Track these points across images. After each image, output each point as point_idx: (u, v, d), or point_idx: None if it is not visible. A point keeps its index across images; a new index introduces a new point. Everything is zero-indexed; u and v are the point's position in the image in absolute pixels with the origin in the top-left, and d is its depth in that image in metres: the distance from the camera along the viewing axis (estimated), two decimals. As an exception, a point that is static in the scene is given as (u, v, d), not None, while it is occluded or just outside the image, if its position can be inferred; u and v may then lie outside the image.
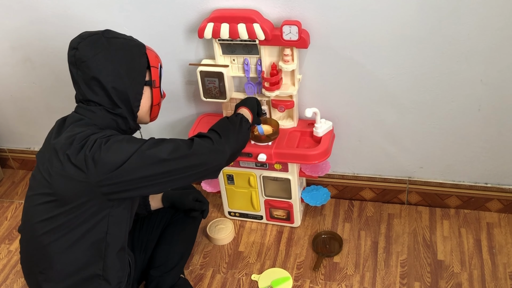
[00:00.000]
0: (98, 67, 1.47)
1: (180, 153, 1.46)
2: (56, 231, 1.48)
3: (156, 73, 1.59)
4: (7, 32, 2.22)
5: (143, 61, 1.55)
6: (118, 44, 1.52)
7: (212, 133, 1.57)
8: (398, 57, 1.88)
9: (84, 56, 1.47)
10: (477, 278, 1.96)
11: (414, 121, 2.03)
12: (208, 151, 1.50)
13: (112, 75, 1.48)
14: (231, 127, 1.62)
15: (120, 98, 1.51)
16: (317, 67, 1.98)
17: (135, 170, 1.42)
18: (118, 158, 1.41)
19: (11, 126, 2.61)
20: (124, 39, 1.55)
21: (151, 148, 1.44)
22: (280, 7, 1.86)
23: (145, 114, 1.61)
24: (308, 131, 2.06)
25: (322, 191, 2.24)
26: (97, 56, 1.47)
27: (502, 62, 1.81)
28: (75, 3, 2.05)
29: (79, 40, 1.50)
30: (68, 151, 1.42)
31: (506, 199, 2.17)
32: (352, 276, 2.02)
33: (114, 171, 1.40)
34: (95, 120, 1.50)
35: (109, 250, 1.54)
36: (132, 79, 1.52)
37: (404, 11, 1.77)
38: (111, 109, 1.51)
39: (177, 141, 1.50)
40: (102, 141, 1.42)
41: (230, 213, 2.31)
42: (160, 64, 1.62)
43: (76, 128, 1.48)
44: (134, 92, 1.53)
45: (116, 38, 1.53)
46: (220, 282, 2.06)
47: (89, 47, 1.48)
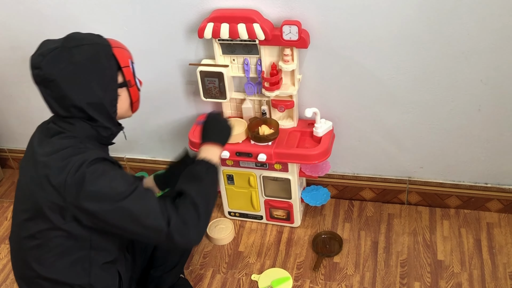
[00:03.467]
0: (67, 85, 1.39)
1: (156, 225, 1.39)
2: (40, 247, 1.47)
3: (129, 72, 1.51)
4: (7, 32, 2.22)
5: (112, 65, 1.47)
6: (82, 53, 1.41)
7: (191, 213, 1.43)
8: (398, 57, 1.88)
9: (50, 75, 1.38)
10: (477, 278, 1.96)
11: (414, 121, 2.03)
12: (186, 242, 1.44)
13: (83, 90, 1.41)
14: (210, 194, 1.50)
15: (97, 110, 1.45)
16: (317, 67, 1.98)
17: (108, 217, 1.39)
18: (99, 200, 1.37)
19: (11, 126, 2.61)
20: (88, 45, 1.44)
21: (135, 204, 1.39)
22: (280, 7, 1.86)
23: (126, 112, 1.56)
24: (308, 131, 2.06)
25: (322, 191, 2.24)
26: (63, 73, 1.39)
27: (502, 62, 1.81)
28: (75, 3, 2.05)
29: (40, 58, 1.40)
30: (47, 172, 1.39)
31: (506, 199, 2.17)
32: (352, 276, 2.02)
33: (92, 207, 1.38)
34: (75, 132, 1.45)
35: (95, 265, 1.52)
36: (105, 88, 1.45)
37: (404, 11, 1.77)
38: (89, 120, 1.46)
39: (160, 208, 1.40)
40: (85, 172, 1.36)
41: (230, 213, 2.31)
42: (131, 60, 1.54)
43: (57, 141, 1.43)
44: (110, 99, 1.47)
45: (79, 46, 1.42)
46: (220, 282, 2.06)
47: (53, 65, 1.39)
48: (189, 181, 1.49)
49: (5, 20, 2.19)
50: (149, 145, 2.45)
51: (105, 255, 1.54)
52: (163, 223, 1.39)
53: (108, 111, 1.47)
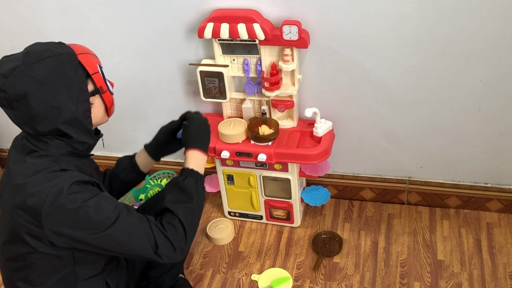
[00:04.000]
0: (35, 105, 1.32)
1: (144, 254, 1.40)
2: (24, 269, 1.45)
3: (99, 78, 1.43)
4: (7, 32, 2.22)
5: (80, 74, 1.38)
6: (45, 68, 1.32)
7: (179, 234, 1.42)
8: (398, 57, 1.88)
9: (15, 96, 1.31)
10: (477, 278, 1.96)
11: (414, 121, 2.03)
12: (171, 260, 1.44)
13: (54, 109, 1.34)
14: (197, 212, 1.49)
15: (70, 125, 1.38)
16: (317, 67, 1.98)
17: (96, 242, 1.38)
18: (81, 228, 1.35)
19: (11, 126, 2.59)
20: (50, 58, 1.34)
21: (120, 232, 1.37)
22: (280, 7, 1.86)
23: (101, 119, 1.49)
24: (308, 131, 2.06)
25: (322, 191, 2.24)
26: (29, 92, 1.30)
27: (502, 62, 1.81)
28: (75, 3, 2.05)
29: (2, 80, 1.30)
30: (22, 198, 1.34)
31: (506, 199, 2.17)
32: (352, 276, 2.02)
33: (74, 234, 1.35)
34: (49, 151, 1.39)
35: (80, 280, 1.50)
36: (76, 101, 1.37)
37: (404, 11, 1.77)
38: (63, 137, 1.40)
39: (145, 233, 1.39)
40: (63, 202, 1.32)
41: (230, 213, 2.31)
42: (99, 65, 1.45)
43: (31, 161, 1.38)
44: (83, 111, 1.39)
45: (41, 61, 1.33)
46: (220, 282, 2.06)
47: (17, 85, 1.30)
48: (178, 199, 1.47)
49: (5, 20, 2.19)
50: (149, 145, 2.45)
51: (91, 268, 1.52)
52: (149, 248, 1.39)
53: (83, 123, 1.40)
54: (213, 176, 2.33)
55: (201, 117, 1.64)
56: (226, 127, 2.04)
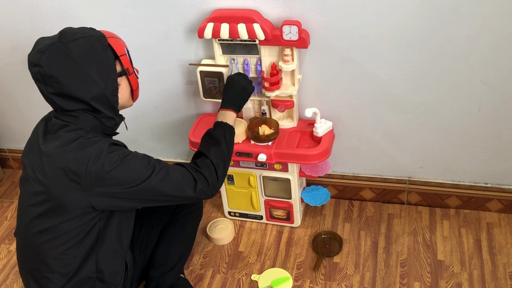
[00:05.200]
0: (68, 81, 1.42)
1: (184, 193, 1.54)
2: (51, 241, 1.51)
3: (126, 60, 1.55)
4: (7, 32, 2.22)
5: (109, 55, 1.49)
6: (79, 47, 1.43)
7: (212, 173, 1.61)
8: (398, 57, 1.88)
9: (50, 71, 1.41)
10: (477, 278, 1.96)
11: (414, 121, 2.03)
12: (207, 195, 1.59)
13: (84, 84, 1.44)
14: (226, 154, 1.68)
15: (99, 102, 1.48)
16: (317, 67, 1.98)
17: (138, 194, 1.49)
18: (123, 183, 1.46)
19: (11, 126, 2.61)
20: (83, 38, 1.45)
21: (160, 181, 1.50)
22: (280, 7, 1.86)
23: (127, 101, 1.60)
24: (308, 131, 2.06)
25: (322, 191, 2.24)
26: (63, 68, 1.41)
27: (502, 62, 1.81)
28: (75, 3, 2.05)
29: (39, 55, 1.41)
30: (64, 163, 1.42)
31: (506, 199, 2.17)
32: (352, 276, 2.02)
33: (115, 187, 1.46)
34: (80, 124, 1.48)
35: (101, 255, 1.57)
36: (105, 79, 1.47)
37: (404, 11, 1.77)
38: (92, 112, 1.49)
39: (183, 179, 1.54)
40: (105, 160, 1.43)
41: (230, 213, 2.31)
42: (126, 48, 1.57)
43: (65, 135, 1.46)
44: (111, 89, 1.50)
45: (75, 40, 1.44)
46: (220, 282, 2.06)
47: (52, 61, 1.41)
48: (209, 144, 1.67)
49: (5, 20, 2.19)
50: (149, 145, 2.45)
51: (114, 244, 1.60)
52: (189, 191, 1.54)
53: (110, 101, 1.51)
54: (213, 176, 2.33)
55: (238, 76, 1.85)
56: (226, 127, 2.04)
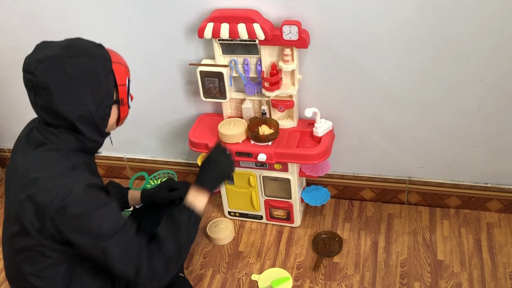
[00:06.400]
0: (59, 96, 1.34)
1: (124, 271, 1.42)
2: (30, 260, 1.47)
3: (124, 91, 1.46)
4: (7, 32, 2.22)
5: (109, 81, 1.41)
6: (80, 66, 1.35)
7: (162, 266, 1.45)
8: (398, 57, 1.88)
9: (43, 83, 1.32)
10: (477, 278, 1.96)
11: (414, 121, 2.03)
12: (144, 285, 1.46)
13: (75, 104, 1.36)
14: (184, 244, 1.51)
15: (86, 124, 1.40)
16: (317, 67, 1.98)
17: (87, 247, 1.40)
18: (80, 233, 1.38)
19: (11, 126, 2.61)
20: (87, 57, 1.37)
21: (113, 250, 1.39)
22: (280, 7, 1.86)
23: (111, 127, 1.50)
24: (308, 131, 2.06)
25: (322, 191, 2.24)
26: (57, 83, 1.33)
27: (502, 62, 1.81)
28: (75, 3, 2.05)
29: (36, 64, 1.33)
30: (31, 192, 1.36)
31: (506, 199, 2.17)
32: (352, 276, 2.02)
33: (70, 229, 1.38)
34: (59, 144, 1.41)
35: (84, 272, 1.52)
36: (98, 104, 1.40)
37: (404, 11, 1.77)
38: (75, 132, 1.41)
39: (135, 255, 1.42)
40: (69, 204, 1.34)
41: (230, 213, 2.31)
42: (128, 78, 1.49)
43: (42, 154, 1.40)
44: (102, 115, 1.42)
45: (78, 57, 1.36)
46: (220, 282, 2.06)
47: (47, 73, 1.32)
48: (169, 229, 1.50)
49: (4, 20, 2.19)
50: (149, 145, 2.46)
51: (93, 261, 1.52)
52: (132, 271, 1.42)
53: (98, 126, 1.43)
54: (213, 176, 2.33)
55: (220, 153, 1.64)
56: (226, 127, 2.04)
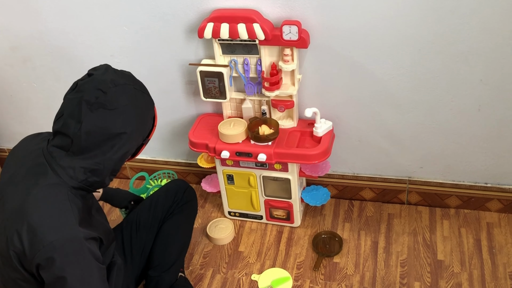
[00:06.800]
0: (116, 120, 1.34)
1: None
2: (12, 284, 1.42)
3: (153, 132, 1.51)
4: (7, 32, 2.22)
5: (150, 123, 1.47)
6: (144, 101, 1.41)
7: None
8: (398, 57, 1.88)
9: (111, 104, 1.32)
10: (477, 278, 1.96)
11: (414, 121, 2.03)
12: None
13: (123, 133, 1.36)
14: None
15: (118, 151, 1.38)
16: (317, 67, 1.98)
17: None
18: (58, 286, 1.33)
19: (11, 126, 2.61)
20: (147, 96, 1.44)
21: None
22: (280, 7, 1.86)
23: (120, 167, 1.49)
24: (308, 131, 2.06)
25: (322, 191, 2.24)
26: (122, 109, 1.34)
27: (502, 62, 1.81)
28: (75, 3, 2.05)
29: (111, 85, 1.33)
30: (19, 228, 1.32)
31: (506, 199, 2.17)
32: (352, 276, 2.02)
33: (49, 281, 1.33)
34: (63, 179, 1.36)
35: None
36: (134, 144, 1.43)
37: (404, 11, 1.77)
38: (91, 172, 1.38)
39: None
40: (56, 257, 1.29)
41: (230, 213, 2.31)
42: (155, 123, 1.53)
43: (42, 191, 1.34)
44: (129, 148, 1.42)
45: (144, 93, 1.42)
46: (220, 282, 2.06)
47: (120, 97, 1.34)
48: None
49: (4, 20, 2.19)
50: (149, 145, 2.43)
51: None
52: None
53: (117, 164, 1.42)
54: (213, 176, 2.33)
55: None
56: (226, 127, 2.04)
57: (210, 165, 2.19)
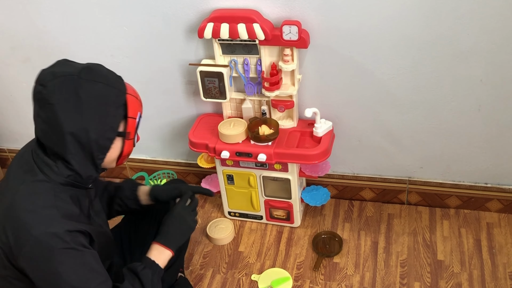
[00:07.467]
0: (62, 115, 1.29)
1: None
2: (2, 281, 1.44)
3: (133, 124, 1.39)
4: (7, 32, 2.22)
5: (119, 113, 1.36)
6: (93, 92, 1.30)
7: None
8: (398, 57, 1.88)
9: (50, 98, 1.27)
10: (477, 278, 1.96)
11: (414, 121, 2.03)
12: None
13: (77, 127, 1.30)
14: None
15: (79, 147, 1.33)
16: (317, 67, 1.98)
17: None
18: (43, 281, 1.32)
19: (11, 126, 2.61)
20: (103, 84, 1.32)
21: None
22: (280, 7, 1.86)
23: (110, 163, 1.43)
24: (308, 131, 2.06)
25: (322, 191, 2.24)
26: (64, 102, 1.28)
27: (502, 62, 1.81)
28: (75, 3, 2.05)
29: (50, 77, 1.29)
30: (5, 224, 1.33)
31: (506, 199, 2.17)
32: (352, 276, 2.02)
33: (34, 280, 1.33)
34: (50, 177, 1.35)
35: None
36: (100, 134, 1.34)
37: (404, 11, 1.77)
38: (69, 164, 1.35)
39: None
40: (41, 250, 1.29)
41: (230, 213, 2.31)
42: (140, 114, 1.42)
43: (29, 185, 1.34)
44: (100, 146, 1.35)
45: (94, 82, 1.31)
46: (220, 282, 2.06)
47: (59, 90, 1.28)
48: (132, 285, 1.45)
49: (5, 20, 2.19)
50: (149, 145, 2.45)
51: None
52: None
53: (93, 157, 1.36)
54: (213, 176, 2.33)
55: (189, 220, 1.61)
56: (226, 127, 2.04)
57: (210, 165, 2.19)
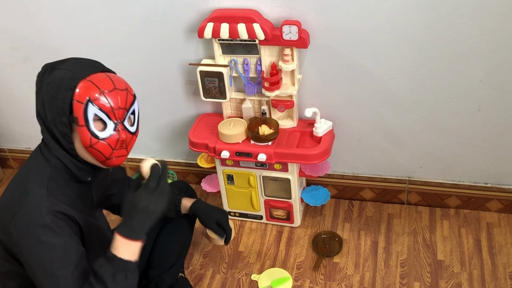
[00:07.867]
0: (37, 101, 1.41)
1: None
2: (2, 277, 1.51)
3: (79, 108, 1.33)
4: (7, 32, 2.22)
5: (67, 96, 1.33)
6: (52, 78, 1.36)
7: None
8: (398, 57, 1.88)
9: (36, 84, 1.41)
10: (477, 278, 1.96)
11: (414, 121, 2.03)
12: None
13: (38, 108, 1.40)
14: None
15: (49, 133, 1.41)
16: (317, 67, 1.98)
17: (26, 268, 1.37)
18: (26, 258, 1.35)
19: (11, 126, 2.61)
20: (62, 70, 1.37)
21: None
22: (280, 7, 1.86)
23: (88, 157, 1.41)
24: (308, 131, 2.06)
25: (322, 191, 2.24)
26: (37, 89, 1.40)
27: (502, 62, 1.81)
28: (76, 3, 2.05)
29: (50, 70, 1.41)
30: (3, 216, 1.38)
31: (506, 199, 2.17)
32: (352, 276, 2.02)
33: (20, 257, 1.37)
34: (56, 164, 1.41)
35: None
36: (53, 117, 1.37)
37: (404, 11, 1.77)
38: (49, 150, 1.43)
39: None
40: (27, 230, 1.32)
41: (230, 213, 2.31)
42: (89, 98, 1.33)
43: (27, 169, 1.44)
44: (60, 131, 1.37)
45: (58, 70, 1.37)
46: (220, 282, 2.06)
47: (37, 78, 1.41)
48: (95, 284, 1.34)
49: (5, 20, 2.19)
50: (149, 145, 2.45)
51: None
52: None
53: (63, 144, 1.39)
54: (213, 176, 2.33)
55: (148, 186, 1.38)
56: (226, 127, 2.04)
57: (210, 165, 2.19)
